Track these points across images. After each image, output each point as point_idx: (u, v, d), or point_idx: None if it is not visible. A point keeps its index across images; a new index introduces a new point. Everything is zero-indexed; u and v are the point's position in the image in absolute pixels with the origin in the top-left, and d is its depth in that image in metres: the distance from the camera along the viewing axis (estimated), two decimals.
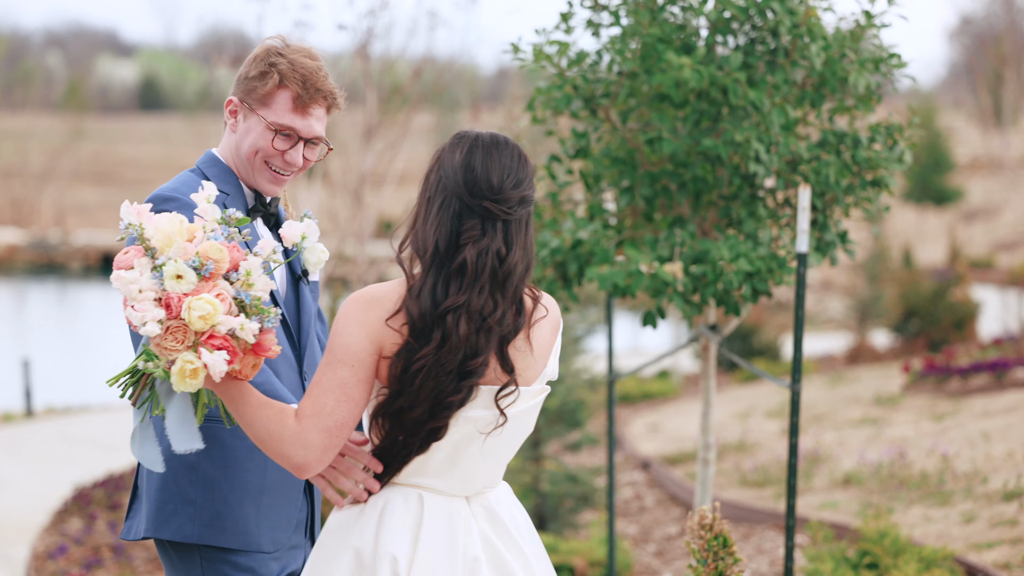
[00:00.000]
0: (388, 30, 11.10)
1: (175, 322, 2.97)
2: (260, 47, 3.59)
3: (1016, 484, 7.65)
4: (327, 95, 3.59)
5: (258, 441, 3.04)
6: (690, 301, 5.06)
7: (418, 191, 3.11)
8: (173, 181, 3.55)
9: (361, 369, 3.00)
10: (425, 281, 3.01)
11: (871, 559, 6.21)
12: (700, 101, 5.12)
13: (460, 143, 3.07)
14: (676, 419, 12.65)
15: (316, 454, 3.00)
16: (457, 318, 3.00)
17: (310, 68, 3.56)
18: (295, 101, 3.53)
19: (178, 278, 2.99)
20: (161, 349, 2.99)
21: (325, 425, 3.00)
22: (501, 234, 3.03)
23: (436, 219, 3.02)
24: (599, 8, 5.29)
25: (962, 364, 11.61)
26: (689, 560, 4.49)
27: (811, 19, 5.11)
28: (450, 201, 3.02)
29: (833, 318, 21.47)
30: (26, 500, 9.76)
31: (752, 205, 5.22)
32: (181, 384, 2.95)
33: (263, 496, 3.49)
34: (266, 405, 3.03)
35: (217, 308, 2.95)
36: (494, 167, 3.04)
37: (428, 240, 3.02)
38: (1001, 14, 34.17)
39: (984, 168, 34.94)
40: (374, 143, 11.10)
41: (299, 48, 3.60)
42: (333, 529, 3.11)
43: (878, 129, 5.26)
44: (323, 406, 3.00)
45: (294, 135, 3.54)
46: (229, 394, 3.04)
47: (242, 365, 3.02)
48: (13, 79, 58.08)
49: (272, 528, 3.51)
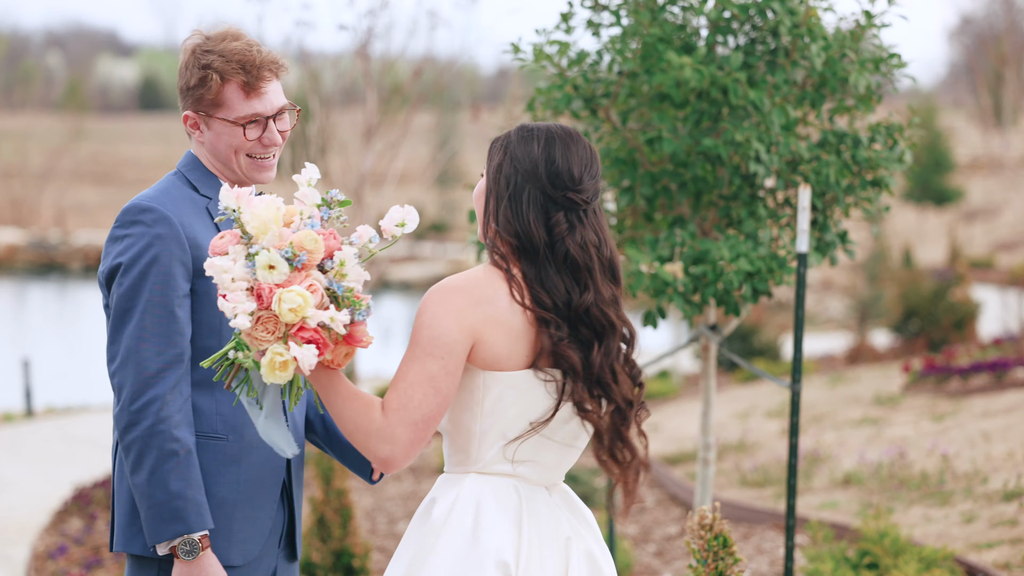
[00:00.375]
0: (388, 30, 11.12)
1: (266, 312, 2.94)
2: (185, 52, 3.49)
3: (1016, 484, 7.65)
4: (270, 66, 3.48)
5: (347, 433, 3.03)
6: (690, 301, 5.06)
7: (486, 183, 3.13)
8: (154, 188, 3.47)
9: (452, 361, 2.99)
10: (546, 269, 3.05)
11: (871, 559, 6.22)
12: (700, 101, 5.12)
13: (533, 136, 3.11)
14: (676, 419, 12.65)
15: (402, 449, 2.99)
16: (604, 309, 3.06)
17: (241, 50, 3.44)
18: (244, 88, 3.44)
19: (270, 268, 2.95)
20: (252, 339, 2.96)
21: (412, 419, 2.98)
22: (587, 224, 3.09)
23: (528, 210, 3.06)
24: (599, 8, 5.29)
25: (962, 364, 11.61)
26: (689, 560, 4.49)
27: (811, 19, 5.11)
28: (533, 193, 3.07)
29: (833, 318, 21.48)
30: (26, 500, 9.76)
31: (752, 205, 5.22)
32: (271, 376, 2.92)
33: (236, 510, 3.41)
34: (354, 397, 3.02)
35: (308, 301, 2.92)
36: (574, 159, 3.10)
37: (531, 231, 3.05)
38: (1001, 14, 34.16)
39: (984, 168, 34.95)
40: (374, 143, 11.10)
41: (221, 34, 3.49)
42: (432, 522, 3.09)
43: (878, 129, 5.26)
44: (410, 400, 2.98)
45: (260, 119, 3.46)
46: (320, 382, 3.04)
47: (334, 355, 2.99)
48: (13, 79, 58.09)
49: (243, 541, 3.43)
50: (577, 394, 3.06)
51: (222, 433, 3.39)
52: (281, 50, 11.84)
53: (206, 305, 3.36)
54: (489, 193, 3.12)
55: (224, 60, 3.42)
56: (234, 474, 3.40)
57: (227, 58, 3.42)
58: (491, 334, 3.02)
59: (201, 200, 3.46)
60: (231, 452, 3.40)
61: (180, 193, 3.45)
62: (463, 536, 3.06)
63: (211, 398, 3.39)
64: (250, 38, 3.49)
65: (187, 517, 3.27)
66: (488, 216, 3.11)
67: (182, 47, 3.49)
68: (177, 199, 3.43)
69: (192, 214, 3.42)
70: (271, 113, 3.46)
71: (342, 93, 12.28)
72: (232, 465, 3.40)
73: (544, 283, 3.05)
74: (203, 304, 3.37)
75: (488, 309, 3.02)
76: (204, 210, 3.45)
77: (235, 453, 3.40)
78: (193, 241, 3.37)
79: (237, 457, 3.41)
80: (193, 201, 3.45)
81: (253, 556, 3.46)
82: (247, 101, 3.44)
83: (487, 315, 3.02)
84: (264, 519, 3.47)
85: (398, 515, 9.05)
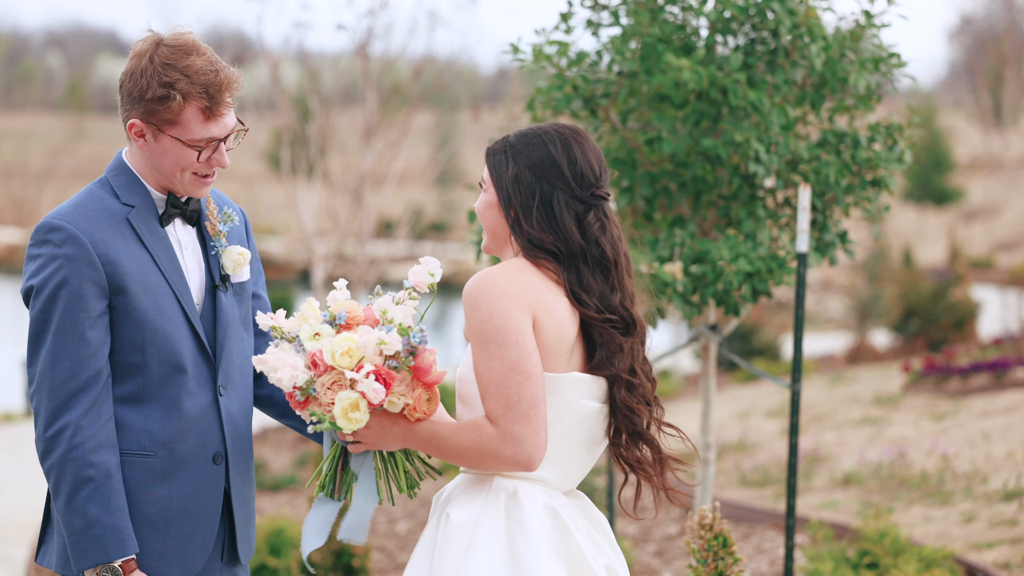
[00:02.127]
0: (388, 30, 11.12)
1: (328, 376, 2.98)
2: (140, 57, 3.32)
3: (1016, 484, 7.65)
4: (231, 87, 3.34)
5: (475, 464, 2.97)
6: (690, 301, 5.06)
7: (499, 195, 3.07)
8: (70, 201, 3.36)
9: (526, 341, 2.94)
10: (583, 273, 3.04)
11: (871, 559, 6.21)
12: (700, 101, 5.11)
13: (545, 139, 3.07)
14: (676, 419, 12.56)
15: (532, 443, 2.93)
16: (630, 308, 3.07)
17: (206, 71, 3.29)
18: (204, 112, 3.30)
19: (316, 336, 3.01)
20: (324, 407, 3.00)
21: (522, 413, 2.93)
22: (611, 220, 3.08)
23: (563, 215, 3.02)
24: (599, 8, 5.29)
25: (962, 364, 11.60)
26: (689, 560, 4.49)
27: (811, 19, 5.10)
28: (563, 197, 3.03)
29: (833, 318, 21.47)
30: (26, 500, 9.76)
31: (752, 205, 5.22)
32: (347, 423, 2.94)
33: (169, 527, 3.35)
34: (459, 428, 2.97)
35: (356, 341, 2.95)
36: (591, 155, 3.08)
37: (570, 239, 3.02)
38: (1001, 14, 34.14)
39: (984, 168, 34.91)
40: (374, 143, 11.10)
41: (181, 45, 3.31)
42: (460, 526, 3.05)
43: (878, 129, 5.25)
44: (508, 397, 2.93)
45: (215, 141, 3.34)
46: (421, 439, 3.01)
47: (416, 401, 2.99)
48: (13, 79, 58.05)
49: (182, 557, 3.37)
50: (621, 398, 3.05)
51: (150, 450, 3.34)
52: (281, 50, 11.86)
53: (125, 322, 3.31)
54: (508, 205, 3.06)
55: (189, 82, 3.28)
56: (164, 491, 3.35)
57: (192, 80, 3.28)
58: (544, 319, 2.98)
59: (121, 210, 3.36)
60: (160, 469, 3.35)
61: (98, 205, 3.35)
62: (499, 553, 2.98)
63: (139, 414, 3.33)
64: (210, 52, 3.35)
65: (105, 545, 3.23)
66: (512, 228, 3.05)
67: (134, 49, 3.34)
68: (92, 212, 3.33)
69: (108, 227, 3.32)
70: (225, 135, 3.35)
71: (342, 93, 12.27)
72: (161, 482, 3.34)
73: (584, 286, 3.02)
74: (123, 321, 3.31)
75: (537, 294, 2.99)
76: (124, 220, 3.35)
77: (164, 470, 3.35)
78: (106, 258, 3.29)
79: (167, 474, 3.35)
80: (111, 213, 3.35)
81: (195, 572, 3.40)
82: (205, 124, 3.31)
83: (537, 299, 2.98)
84: (205, 533, 3.41)
85: (398, 515, 9.05)
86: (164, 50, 3.31)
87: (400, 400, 2.98)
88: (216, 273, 3.46)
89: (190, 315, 3.38)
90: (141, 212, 3.37)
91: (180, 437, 3.35)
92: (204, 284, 3.46)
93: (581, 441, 3.09)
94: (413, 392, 2.99)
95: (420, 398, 2.99)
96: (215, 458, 3.41)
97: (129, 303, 3.29)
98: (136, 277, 3.32)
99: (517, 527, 2.99)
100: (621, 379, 3.03)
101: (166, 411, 3.34)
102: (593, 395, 3.07)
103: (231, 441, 3.44)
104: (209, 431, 3.40)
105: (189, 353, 3.37)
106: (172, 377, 3.35)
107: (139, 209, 3.37)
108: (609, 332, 3.02)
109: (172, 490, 3.36)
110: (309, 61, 11.77)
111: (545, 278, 3.02)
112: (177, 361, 3.35)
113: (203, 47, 3.35)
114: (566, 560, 3.01)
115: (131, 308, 3.30)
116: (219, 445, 3.42)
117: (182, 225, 3.45)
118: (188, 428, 3.37)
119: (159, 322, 3.33)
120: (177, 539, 3.37)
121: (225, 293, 3.46)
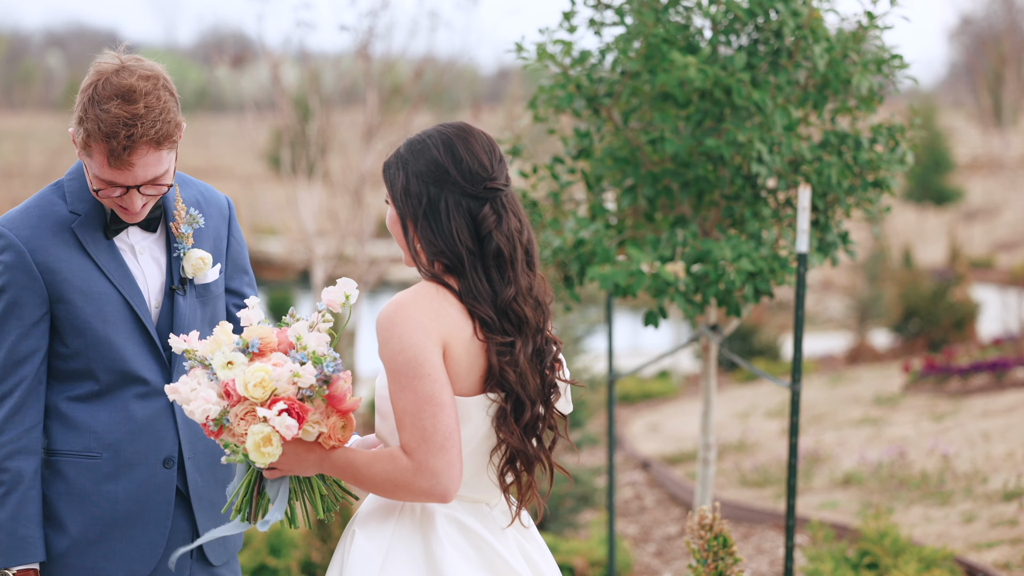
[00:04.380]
0: (389, 30, 11.12)
1: (241, 406, 2.95)
2: (89, 75, 3.28)
3: (1016, 484, 7.65)
4: (151, 141, 3.22)
5: (390, 495, 2.95)
6: (692, 301, 5.06)
7: (395, 210, 3.03)
8: (19, 207, 3.38)
9: (440, 373, 2.90)
10: (472, 280, 2.97)
11: (871, 559, 6.22)
12: (703, 101, 5.12)
13: (428, 144, 3.02)
14: (676, 419, 12.64)
15: (446, 476, 2.90)
16: (521, 305, 3.00)
17: (117, 121, 3.19)
18: (109, 157, 3.22)
19: (229, 365, 2.97)
20: (238, 438, 2.97)
21: (437, 445, 2.90)
22: (509, 211, 3.03)
23: (451, 222, 2.98)
24: (602, 7, 5.29)
25: (962, 364, 11.60)
26: (689, 560, 4.49)
27: (814, 20, 5.11)
28: (454, 198, 2.99)
29: (833, 318, 21.46)
30: None
31: (756, 205, 5.22)
32: (259, 456, 2.91)
33: (115, 529, 3.36)
34: (375, 459, 2.95)
35: (270, 372, 2.91)
36: (478, 150, 3.03)
37: (456, 245, 2.97)
38: (1001, 14, 34.14)
39: (984, 168, 34.91)
40: (374, 143, 11.10)
41: (118, 90, 3.22)
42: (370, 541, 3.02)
43: (880, 130, 5.26)
44: (423, 430, 2.90)
45: (120, 186, 3.27)
46: (337, 466, 2.98)
47: (330, 429, 2.96)
48: (13, 79, 58.04)
49: (128, 560, 3.38)
50: (507, 413, 2.99)
51: (96, 451, 3.36)
52: (281, 50, 11.85)
53: (69, 330, 3.33)
54: (404, 217, 3.02)
55: (97, 126, 3.20)
56: (111, 492, 3.36)
57: (100, 125, 3.20)
58: (455, 347, 2.95)
59: (67, 218, 3.36)
60: (106, 470, 3.36)
61: (45, 211, 3.36)
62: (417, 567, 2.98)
63: (89, 415, 3.35)
64: (148, 101, 3.23)
65: (3, 551, 3.25)
66: (411, 240, 3.02)
67: (94, 67, 3.30)
68: (37, 219, 3.34)
69: (51, 235, 3.33)
70: (133, 184, 3.27)
71: (343, 93, 12.28)
72: (107, 483, 3.35)
73: (476, 294, 2.97)
74: (66, 329, 3.33)
75: (446, 320, 2.95)
76: (68, 229, 3.35)
77: (110, 471, 3.36)
78: (45, 267, 3.31)
79: (113, 475, 3.36)
80: (56, 221, 3.36)
81: (144, 575, 3.40)
82: (109, 169, 3.24)
83: (448, 326, 2.95)
84: (154, 536, 3.41)
85: None
86: (102, 87, 3.25)
87: (315, 428, 2.95)
88: (177, 276, 3.45)
89: (143, 319, 3.38)
90: (87, 221, 3.37)
91: (128, 439, 3.37)
92: (164, 287, 3.45)
93: (489, 457, 3.06)
94: (328, 420, 2.96)
95: (335, 426, 2.97)
96: (166, 462, 3.41)
97: (71, 311, 3.32)
98: (77, 286, 3.33)
99: (436, 544, 2.98)
100: (511, 393, 2.99)
101: (115, 414, 3.36)
102: (492, 412, 3.04)
103: (190, 444, 3.44)
104: (162, 435, 3.40)
105: (141, 358, 3.38)
106: (120, 382, 3.37)
107: (85, 218, 3.37)
108: (501, 339, 2.98)
109: (119, 491, 3.37)
110: (310, 61, 11.78)
111: (450, 296, 2.99)
112: (123, 368, 3.36)
113: (137, 95, 3.23)
114: (486, 568, 3.00)
115: (73, 316, 3.32)
116: (172, 449, 3.42)
117: (137, 230, 3.44)
118: (137, 431, 3.37)
119: (102, 329, 3.35)
120: (123, 541, 3.38)
121: (184, 296, 3.44)
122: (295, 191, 11.65)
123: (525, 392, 2.99)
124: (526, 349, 3.00)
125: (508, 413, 2.98)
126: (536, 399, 3.01)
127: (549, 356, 3.05)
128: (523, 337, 3.00)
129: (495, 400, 2.99)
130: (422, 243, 3.00)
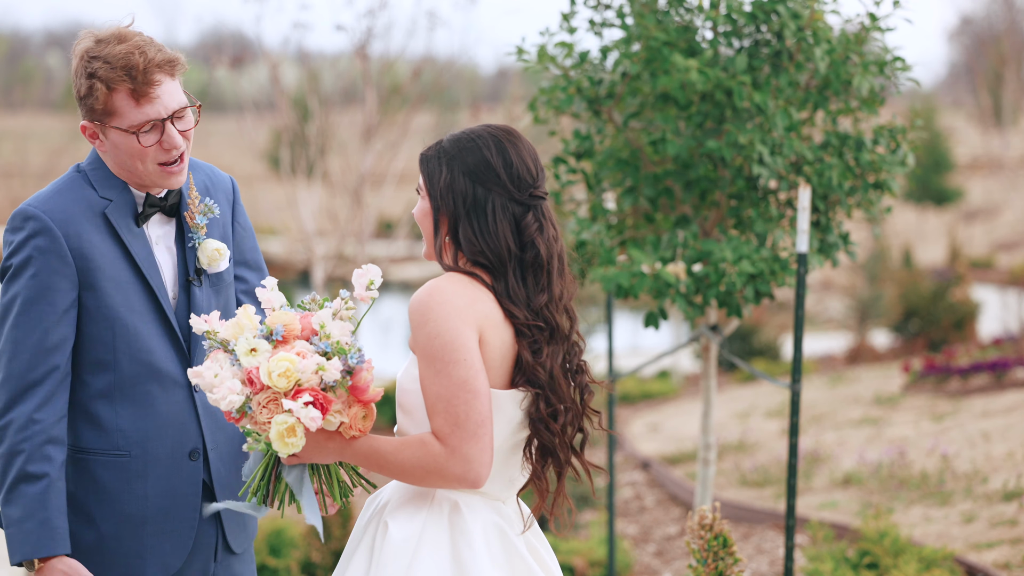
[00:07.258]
0: (387, 30, 11.11)
1: (264, 394, 2.94)
2: (75, 57, 3.29)
3: (1016, 484, 7.65)
4: (162, 65, 3.26)
5: (419, 482, 2.94)
6: (692, 302, 5.06)
7: (431, 202, 3.02)
8: (49, 188, 3.34)
9: (473, 358, 2.90)
10: (511, 283, 2.97)
11: (871, 559, 6.21)
12: (704, 103, 5.11)
13: (478, 143, 3.01)
14: (676, 419, 12.64)
15: (478, 463, 2.90)
16: (553, 312, 3.00)
17: (125, 53, 3.22)
18: (133, 95, 3.23)
19: (252, 352, 2.95)
20: (260, 426, 2.96)
21: (470, 432, 2.89)
22: (548, 219, 3.03)
23: (497, 225, 2.97)
24: (602, 8, 5.29)
25: (962, 364, 11.60)
26: (689, 560, 4.49)
27: (816, 22, 5.10)
28: (501, 202, 2.98)
29: (833, 318, 21.46)
30: None
31: (762, 206, 5.22)
32: (282, 447, 2.90)
33: (147, 525, 3.34)
34: (403, 445, 2.94)
35: (295, 362, 2.89)
36: (526, 156, 3.03)
37: (500, 248, 2.97)
38: (1001, 14, 34.13)
39: (984, 168, 34.89)
40: (374, 143, 11.10)
41: (109, 36, 3.26)
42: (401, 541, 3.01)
43: (881, 132, 5.25)
44: (456, 416, 2.89)
45: (157, 123, 3.27)
46: (360, 454, 2.98)
47: (352, 419, 2.96)
48: (13, 79, 58.03)
49: (162, 555, 3.36)
50: (539, 410, 3.00)
51: (124, 449, 3.33)
52: (280, 50, 11.86)
53: (96, 319, 3.29)
54: (439, 212, 3.01)
55: (109, 67, 3.22)
56: (141, 489, 3.34)
57: (111, 64, 3.22)
58: (490, 334, 2.96)
59: (99, 203, 3.33)
60: (135, 468, 3.33)
61: (76, 195, 3.33)
62: (445, 567, 2.96)
63: (112, 412, 3.32)
64: (142, 37, 3.28)
65: (35, 540, 3.20)
66: (440, 235, 3.01)
67: (73, 50, 3.31)
68: (69, 203, 3.30)
69: (85, 219, 3.30)
70: (166, 116, 3.28)
71: (341, 93, 12.27)
72: (138, 480, 3.33)
73: (512, 296, 2.98)
74: (93, 318, 3.29)
75: (481, 307, 2.96)
76: (101, 215, 3.32)
77: (140, 468, 3.33)
78: (79, 252, 3.27)
79: (142, 472, 3.34)
80: (89, 204, 3.32)
81: (175, 569, 3.39)
82: (139, 108, 3.25)
83: (483, 312, 2.95)
84: (184, 531, 3.39)
85: None
86: (88, 43, 3.27)
87: (336, 418, 2.95)
88: (192, 266, 3.42)
89: (167, 310, 3.35)
90: (119, 207, 3.33)
91: (155, 435, 3.34)
92: (178, 278, 3.42)
93: (520, 453, 3.07)
94: (349, 410, 2.96)
95: (356, 416, 2.96)
96: (191, 454, 3.39)
97: (100, 299, 3.28)
98: (108, 273, 3.29)
99: (462, 540, 2.97)
100: (542, 391, 2.99)
101: (139, 409, 3.33)
102: (525, 406, 3.04)
103: (211, 435, 3.42)
104: (185, 427, 3.38)
105: (163, 349, 3.35)
106: (144, 375, 3.33)
107: (116, 204, 3.33)
108: (534, 339, 2.98)
109: (149, 488, 3.34)
110: (308, 61, 11.77)
111: (481, 286, 2.99)
112: (148, 359, 3.33)
113: (131, 34, 3.28)
114: (507, 566, 3.00)
115: (101, 305, 3.28)
116: (196, 441, 3.40)
117: (157, 219, 3.41)
118: (163, 425, 3.35)
119: (130, 319, 3.31)
120: (155, 537, 3.36)
121: (200, 287, 3.42)
122: (295, 191, 11.64)
123: (556, 395, 2.99)
124: (556, 355, 3.00)
125: (544, 414, 2.98)
126: (567, 402, 3.02)
127: (576, 358, 3.06)
128: (553, 343, 3.00)
129: (527, 395, 2.99)
130: (462, 241, 2.99)
